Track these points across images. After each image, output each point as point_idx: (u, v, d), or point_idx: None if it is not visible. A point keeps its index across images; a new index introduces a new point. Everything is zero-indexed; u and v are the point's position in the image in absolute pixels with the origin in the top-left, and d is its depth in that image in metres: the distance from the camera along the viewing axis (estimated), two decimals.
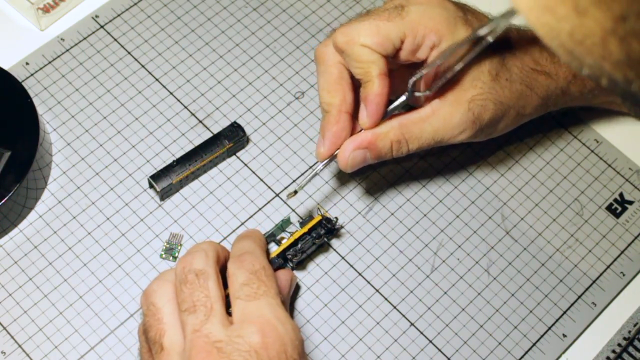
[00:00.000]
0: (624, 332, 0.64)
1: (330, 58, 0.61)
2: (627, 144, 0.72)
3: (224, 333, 0.50)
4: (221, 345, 0.49)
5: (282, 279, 0.60)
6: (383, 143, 0.60)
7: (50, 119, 0.70)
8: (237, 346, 0.49)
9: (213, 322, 0.50)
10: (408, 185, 0.69)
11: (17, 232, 0.65)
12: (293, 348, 0.50)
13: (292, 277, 0.62)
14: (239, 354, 0.49)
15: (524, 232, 0.68)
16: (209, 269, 0.53)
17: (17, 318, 0.62)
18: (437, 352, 0.63)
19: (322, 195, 0.68)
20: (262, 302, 0.51)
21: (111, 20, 0.75)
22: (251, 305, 0.51)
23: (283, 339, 0.50)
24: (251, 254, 0.55)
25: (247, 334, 0.50)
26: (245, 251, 0.56)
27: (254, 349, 0.49)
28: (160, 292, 0.53)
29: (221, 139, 0.68)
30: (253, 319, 0.51)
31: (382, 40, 0.58)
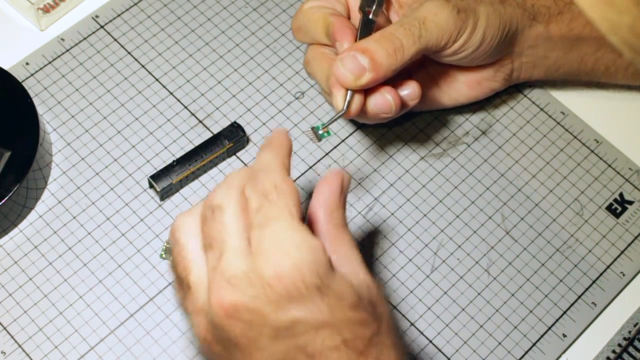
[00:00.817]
0: (624, 332, 0.64)
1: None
2: (627, 144, 0.72)
3: (239, 268, 0.48)
4: (236, 281, 0.47)
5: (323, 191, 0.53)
6: (370, 44, 0.59)
7: (50, 119, 0.70)
8: (251, 280, 0.47)
9: (227, 258, 0.48)
10: (408, 185, 0.69)
11: (17, 232, 0.65)
12: (312, 273, 0.47)
13: (341, 180, 0.54)
14: (253, 289, 0.47)
15: (524, 232, 0.68)
16: (227, 201, 0.50)
17: (17, 318, 0.62)
18: (437, 352, 0.63)
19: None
20: (275, 228, 0.48)
21: (111, 20, 0.75)
22: (264, 233, 0.48)
23: (298, 265, 0.47)
24: (265, 170, 0.50)
25: (260, 266, 0.47)
26: (260, 168, 0.51)
27: (266, 281, 0.46)
28: (185, 228, 0.52)
29: (221, 139, 0.68)
30: (266, 248, 0.47)
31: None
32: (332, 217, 0.52)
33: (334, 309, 0.47)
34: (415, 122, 0.72)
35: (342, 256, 0.51)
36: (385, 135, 0.71)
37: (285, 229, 0.48)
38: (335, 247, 0.51)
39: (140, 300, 0.63)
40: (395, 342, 0.50)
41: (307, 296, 0.47)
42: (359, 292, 0.48)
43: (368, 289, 0.50)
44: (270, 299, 0.47)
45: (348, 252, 0.51)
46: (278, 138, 0.54)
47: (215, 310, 0.48)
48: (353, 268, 0.50)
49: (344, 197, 0.53)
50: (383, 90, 0.61)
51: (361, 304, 0.48)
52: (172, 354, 0.62)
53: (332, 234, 0.51)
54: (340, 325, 0.47)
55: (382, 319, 0.49)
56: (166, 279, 0.64)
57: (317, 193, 0.52)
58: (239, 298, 0.47)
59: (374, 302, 0.49)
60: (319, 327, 0.47)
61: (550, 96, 0.74)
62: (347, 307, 0.48)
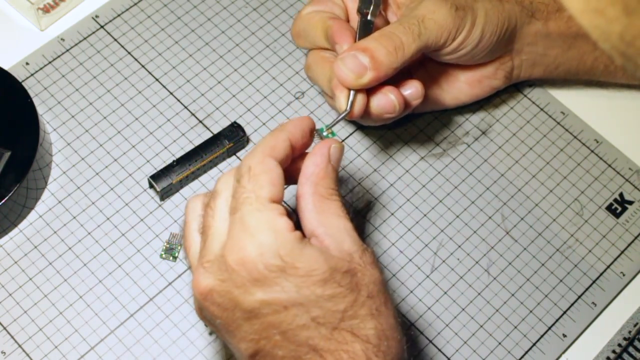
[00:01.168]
0: (624, 332, 0.64)
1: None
2: (627, 144, 0.72)
3: (214, 253, 0.50)
4: (209, 265, 0.50)
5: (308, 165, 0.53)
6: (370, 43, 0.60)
7: (50, 119, 0.70)
8: (220, 265, 0.49)
9: (209, 243, 0.50)
10: (408, 185, 0.69)
11: (17, 232, 0.65)
12: (273, 254, 0.48)
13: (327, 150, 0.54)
14: (222, 273, 0.49)
15: (524, 232, 0.68)
16: (224, 187, 0.52)
17: (17, 318, 0.62)
18: (437, 352, 0.63)
19: None
20: (243, 211, 0.49)
21: (111, 20, 0.75)
22: (235, 217, 0.50)
23: (260, 249, 0.48)
24: (249, 153, 0.52)
25: (227, 252, 0.49)
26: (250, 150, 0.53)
27: (231, 266, 0.48)
28: (193, 208, 0.53)
29: (221, 139, 0.68)
30: (233, 232, 0.49)
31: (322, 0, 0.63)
32: (318, 189, 0.52)
33: (301, 287, 0.48)
34: (415, 122, 0.72)
35: (329, 227, 0.51)
36: (385, 135, 0.71)
37: (251, 212, 0.49)
38: (321, 219, 0.52)
39: (140, 300, 0.63)
40: (375, 310, 0.50)
41: (271, 278, 0.48)
42: (333, 266, 0.49)
43: (350, 260, 0.50)
44: (237, 283, 0.49)
45: (335, 222, 0.52)
46: (291, 121, 0.55)
47: (194, 293, 0.51)
48: (338, 238, 0.51)
49: (332, 167, 0.53)
50: (386, 90, 0.61)
51: (333, 278, 0.49)
52: (172, 354, 0.62)
53: (318, 207, 0.52)
54: (308, 303, 0.49)
55: (360, 289, 0.50)
56: (166, 279, 0.64)
57: (303, 167, 0.53)
58: (211, 282, 0.49)
59: (353, 272, 0.50)
60: (287, 307, 0.49)
61: (550, 96, 0.74)
62: (315, 284, 0.49)
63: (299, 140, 0.53)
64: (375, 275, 0.51)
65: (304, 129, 0.54)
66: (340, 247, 0.51)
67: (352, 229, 0.52)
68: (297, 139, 0.53)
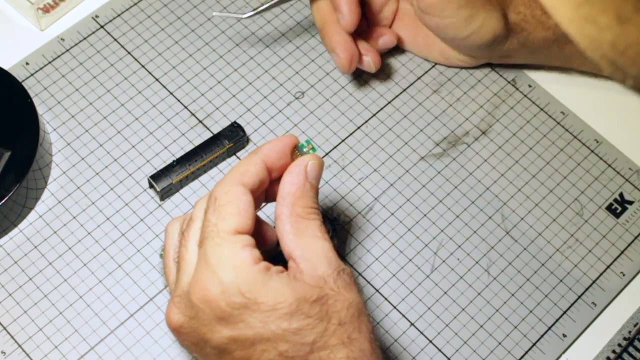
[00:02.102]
0: (624, 332, 0.64)
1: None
2: (627, 144, 0.72)
3: (183, 289, 0.50)
4: (178, 301, 0.50)
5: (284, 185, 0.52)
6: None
7: (50, 119, 0.70)
8: (186, 303, 0.49)
9: (181, 276, 0.50)
10: (408, 185, 0.69)
11: (17, 232, 0.65)
12: (236, 292, 0.48)
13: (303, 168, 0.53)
14: (188, 311, 0.49)
15: (524, 232, 0.68)
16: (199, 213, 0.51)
17: (17, 318, 0.62)
18: (437, 352, 0.63)
19: (322, 195, 0.68)
20: (206, 247, 0.49)
21: (111, 20, 0.75)
22: (200, 253, 0.49)
23: (222, 287, 0.48)
24: (219, 182, 0.51)
25: (192, 289, 0.49)
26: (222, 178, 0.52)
27: (196, 304, 0.48)
28: (170, 234, 0.54)
29: (221, 139, 0.68)
30: (198, 269, 0.49)
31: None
32: (295, 209, 0.51)
33: (266, 322, 0.48)
34: (415, 122, 0.72)
35: (306, 249, 0.51)
36: (385, 135, 0.71)
37: (212, 248, 0.49)
38: (298, 241, 0.51)
39: (140, 300, 0.63)
40: (347, 338, 0.49)
41: (236, 315, 0.48)
42: (300, 296, 0.48)
43: (322, 286, 0.49)
44: (203, 321, 0.49)
45: (312, 244, 0.51)
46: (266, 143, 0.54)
47: (169, 327, 0.51)
48: (314, 262, 0.50)
49: (310, 185, 0.52)
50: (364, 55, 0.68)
51: (300, 309, 0.48)
52: (172, 354, 0.62)
53: (295, 229, 0.51)
54: (274, 338, 0.48)
55: (331, 317, 0.49)
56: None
57: (280, 187, 0.52)
58: (180, 319, 0.50)
59: (324, 299, 0.49)
60: (254, 342, 0.48)
61: (550, 96, 0.74)
62: (281, 317, 0.48)
63: (276, 162, 0.53)
64: (350, 299, 0.50)
65: (281, 149, 0.53)
66: (315, 271, 0.50)
67: (331, 249, 0.51)
68: (273, 161, 0.52)
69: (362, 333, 0.50)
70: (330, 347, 0.49)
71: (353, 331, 0.49)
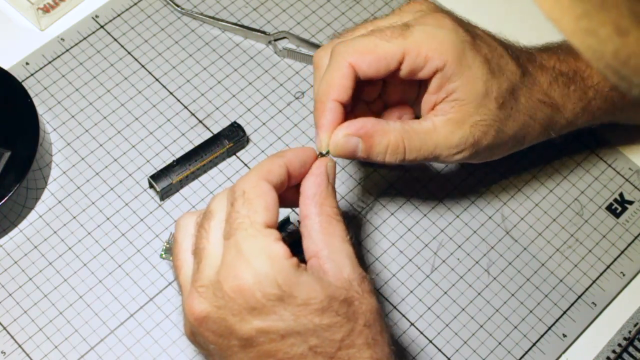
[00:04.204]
0: (624, 332, 0.64)
1: (325, 63, 0.59)
2: (627, 144, 0.72)
3: (209, 278, 0.49)
4: (203, 290, 0.49)
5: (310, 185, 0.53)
6: (380, 140, 0.56)
7: (50, 119, 0.70)
8: (215, 292, 0.48)
9: (203, 266, 0.49)
10: (408, 185, 0.69)
11: (17, 232, 0.65)
12: (271, 283, 0.47)
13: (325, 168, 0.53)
14: (217, 300, 0.48)
15: (524, 232, 0.68)
16: (218, 208, 0.51)
17: (17, 318, 0.62)
18: (437, 352, 0.63)
19: None
20: (237, 237, 0.49)
21: (111, 20, 0.75)
22: (229, 243, 0.49)
23: (257, 277, 0.47)
24: (244, 176, 0.51)
25: (222, 278, 0.48)
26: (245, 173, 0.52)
27: (227, 294, 0.48)
28: (184, 227, 0.53)
29: (221, 139, 0.68)
30: (228, 258, 0.48)
31: (375, 60, 0.56)
32: (324, 209, 0.52)
33: (299, 316, 0.48)
34: None
35: (332, 250, 0.51)
36: None
37: (246, 238, 0.48)
38: (327, 240, 0.51)
39: (140, 300, 0.63)
40: (371, 339, 0.50)
41: (269, 307, 0.48)
42: (331, 294, 0.49)
43: (348, 288, 0.50)
44: (233, 310, 0.48)
45: (339, 245, 0.51)
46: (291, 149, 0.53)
47: (187, 317, 0.50)
48: (339, 263, 0.50)
49: (331, 186, 0.53)
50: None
51: (331, 307, 0.48)
52: (172, 354, 0.62)
53: (325, 228, 0.51)
54: (306, 332, 0.48)
55: (357, 317, 0.50)
56: (166, 279, 0.64)
57: (304, 187, 0.53)
58: (206, 308, 0.49)
59: (351, 301, 0.49)
60: (284, 336, 0.48)
61: None
62: (313, 313, 0.48)
63: (297, 169, 0.53)
64: (373, 304, 0.51)
65: (304, 159, 0.53)
66: (340, 273, 0.50)
67: (354, 255, 0.51)
68: (295, 168, 0.52)
69: (383, 337, 0.51)
70: (357, 346, 0.49)
71: (376, 334, 0.50)
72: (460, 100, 0.57)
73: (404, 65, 0.57)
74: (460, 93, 0.57)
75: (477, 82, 0.57)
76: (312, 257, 0.51)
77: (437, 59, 0.56)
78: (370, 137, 0.56)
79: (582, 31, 0.32)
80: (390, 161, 0.57)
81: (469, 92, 0.57)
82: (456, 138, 0.58)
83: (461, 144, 0.58)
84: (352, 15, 0.76)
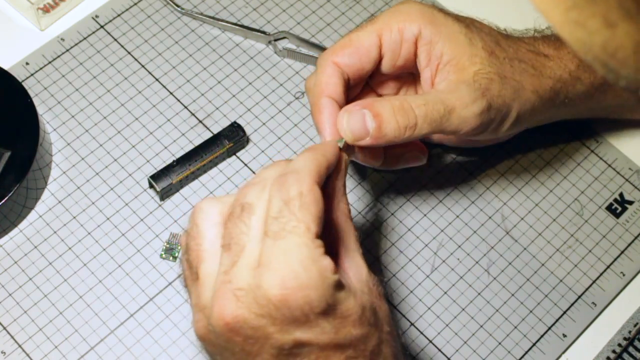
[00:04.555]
0: (624, 332, 0.64)
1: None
2: (627, 144, 0.72)
3: (247, 281, 0.45)
4: (241, 294, 0.45)
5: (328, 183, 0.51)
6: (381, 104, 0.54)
7: (50, 119, 0.70)
8: (257, 297, 0.45)
9: (241, 265, 0.46)
10: (408, 185, 0.69)
11: (17, 232, 0.65)
12: (319, 297, 0.45)
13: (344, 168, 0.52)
14: (257, 306, 0.45)
15: (524, 232, 0.68)
16: (259, 202, 0.47)
17: (17, 318, 0.62)
18: (437, 352, 0.63)
19: None
20: (289, 243, 0.45)
21: (111, 20, 0.75)
22: (277, 245, 0.45)
23: (306, 289, 0.45)
24: (295, 173, 0.47)
25: (266, 284, 0.45)
26: (292, 169, 0.48)
27: (272, 302, 0.45)
28: (208, 214, 0.49)
29: (221, 139, 0.68)
30: (275, 264, 0.45)
31: (355, 51, 0.57)
32: (340, 206, 0.51)
33: (339, 329, 0.47)
34: None
35: (349, 250, 0.50)
36: None
37: (298, 246, 0.45)
38: (344, 239, 0.50)
39: (140, 300, 0.63)
40: (394, 347, 0.50)
41: (313, 320, 0.46)
42: (362, 303, 0.47)
43: (369, 292, 0.49)
44: (275, 319, 0.46)
45: (354, 246, 0.50)
46: (325, 146, 0.52)
47: (215, 318, 0.46)
48: (358, 267, 0.50)
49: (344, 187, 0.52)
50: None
51: (364, 316, 0.47)
52: (172, 354, 0.62)
53: (342, 227, 0.50)
54: (344, 344, 0.47)
55: (382, 324, 0.49)
56: (166, 279, 0.64)
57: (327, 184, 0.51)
58: (242, 313, 0.46)
59: (375, 308, 0.49)
60: (323, 348, 0.47)
61: None
62: (351, 324, 0.47)
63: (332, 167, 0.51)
64: (387, 310, 0.50)
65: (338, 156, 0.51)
66: (360, 275, 0.49)
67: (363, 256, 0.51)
68: (332, 167, 0.51)
69: (398, 344, 0.51)
70: (383, 354, 0.49)
71: (396, 341, 0.50)
72: (452, 60, 0.58)
73: (384, 49, 0.58)
74: (448, 52, 0.58)
75: (457, 36, 0.58)
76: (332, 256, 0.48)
77: (410, 25, 0.58)
78: (371, 105, 0.55)
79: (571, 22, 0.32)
80: (405, 124, 0.55)
81: (455, 47, 0.58)
82: (463, 89, 0.57)
83: (471, 92, 0.56)
84: (352, 15, 0.76)
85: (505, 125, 0.60)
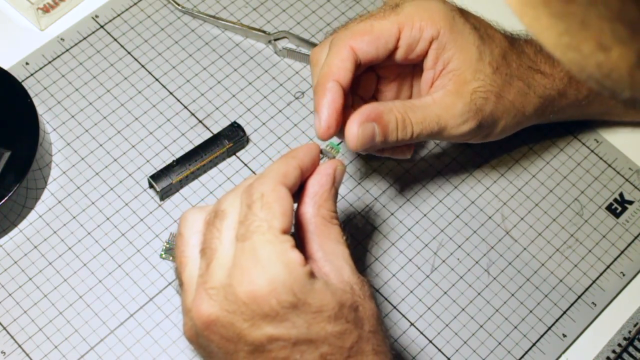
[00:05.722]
0: (624, 332, 0.64)
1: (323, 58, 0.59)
2: (627, 144, 0.72)
3: (219, 281, 0.47)
4: (214, 293, 0.47)
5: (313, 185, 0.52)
6: (389, 117, 0.57)
7: (50, 119, 0.70)
8: (227, 295, 0.47)
9: (214, 266, 0.48)
10: (408, 185, 0.69)
11: (17, 232, 0.65)
12: (287, 291, 0.46)
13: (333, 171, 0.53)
14: (228, 304, 0.47)
15: (524, 232, 0.68)
16: (231, 208, 0.49)
17: (17, 318, 0.62)
18: (437, 352, 0.63)
19: None
20: (254, 242, 0.47)
21: (111, 20, 0.75)
22: (244, 246, 0.47)
23: (273, 284, 0.46)
24: (260, 177, 0.50)
25: (235, 282, 0.47)
26: (259, 175, 0.50)
27: (240, 299, 0.47)
28: (191, 223, 0.51)
29: (221, 139, 0.68)
30: (244, 263, 0.47)
31: (374, 39, 0.58)
32: (320, 211, 0.52)
33: (312, 324, 0.47)
34: None
35: (328, 252, 0.51)
36: None
37: (263, 243, 0.47)
38: (322, 242, 0.51)
39: (140, 300, 0.63)
40: (377, 346, 0.50)
41: (282, 314, 0.47)
42: (340, 300, 0.48)
43: (351, 292, 0.49)
44: (245, 316, 0.47)
45: (335, 249, 0.51)
46: (298, 148, 0.53)
47: (195, 318, 0.48)
48: (338, 266, 0.50)
49: (335, 190, 0.53)
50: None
51: (342, 313, 0.48)
52: (172, 354, 0.62)
53: (320, 230, 0.51)
54: (317, 340, 0.48)
55: (363, 323, 0.49)
56: (166, 279, 0.64)
57: (308, 186, 0.52)
58: (215, 312, 0.48)
59: (356, 306, 0.49)
60: (296, 343, 0.48)
61: None
62: (325, 320, 0.48)
63: (309, 168, 0.52)
64: (374, 309, 0.50)
65: (313, 156, 0.53)
66: (341, 276, 0.50)
67: (350, 257, 0.51)
68: (307, 167, 0.52)
69: (385, 344, 0.51)
70: (365, 352, 0.49)
71: (380, 340, 0.50)
72: (456, 70, 0.59)
73: (401, 42, 0.59)
74: (455, 61, 0.59)
75: (470, 47, 0.59)
76: (309, 259, 0.50)
77: (431, 27, 0.58)
78: (380, 117, 0.57)
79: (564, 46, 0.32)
80: (402, 137, 0.58)
81: (463, 59, 0.59)
82: (458, 107, 0.59)
83: (464, 113, 0.59)
84: (352, 15, 0.76)
85: (489, 137, 0.63)
